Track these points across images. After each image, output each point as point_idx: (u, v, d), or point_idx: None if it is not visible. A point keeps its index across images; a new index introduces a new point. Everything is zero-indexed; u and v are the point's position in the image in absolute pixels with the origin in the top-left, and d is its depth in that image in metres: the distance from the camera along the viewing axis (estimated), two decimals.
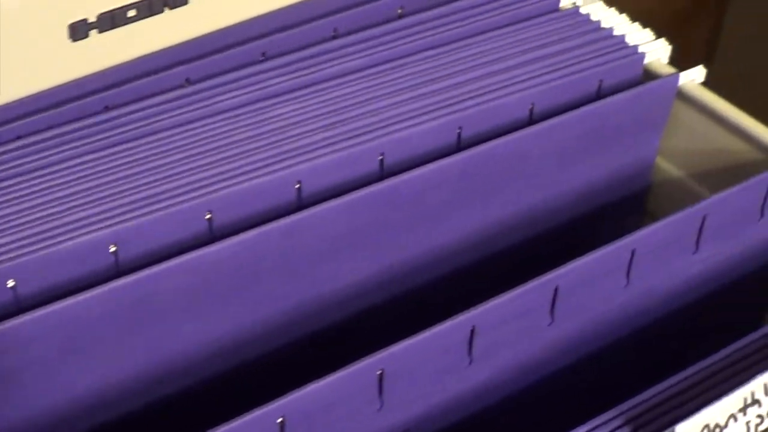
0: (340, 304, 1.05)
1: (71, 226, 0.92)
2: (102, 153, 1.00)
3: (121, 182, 0.98)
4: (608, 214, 1.22)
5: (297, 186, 0.99)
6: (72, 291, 0.88)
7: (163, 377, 0.96)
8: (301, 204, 1.00)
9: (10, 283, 0.88)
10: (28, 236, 0.91)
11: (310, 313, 1.04)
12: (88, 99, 1.06)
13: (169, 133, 1.03)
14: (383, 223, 1.03)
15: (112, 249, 0.92)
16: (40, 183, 0.96)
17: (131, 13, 1.06)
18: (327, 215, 0.99)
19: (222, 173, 0.98)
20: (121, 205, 0.94)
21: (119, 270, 0.92)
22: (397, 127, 1.05)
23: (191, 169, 0.99)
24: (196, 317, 0.95)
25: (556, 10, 1.22)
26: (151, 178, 0.98)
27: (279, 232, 0.96)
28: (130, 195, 0.96)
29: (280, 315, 1.01)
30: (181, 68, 1.10)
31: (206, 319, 0.96)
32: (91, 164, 0.99)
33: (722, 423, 0.90)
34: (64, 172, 0.97)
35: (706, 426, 0.89)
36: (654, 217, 1.12)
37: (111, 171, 0.99)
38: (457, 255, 1.12)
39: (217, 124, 1.04)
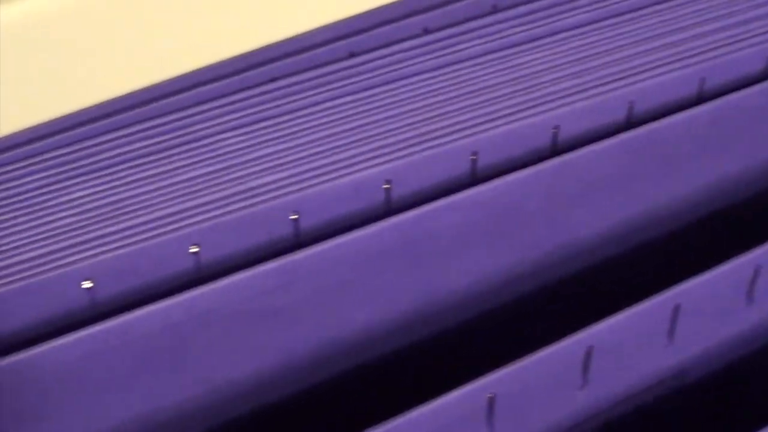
0: None
1: (347, 162, 0.92)
2: (361, 95, 1.00)
3: (379, 124, 0.98)
4: None
5: (554, 131, 0.99)
6: (357, 223, 0.89)
7: (430, 317, 0.96)
8: (556, 149, 1.00)
9: (293, 216, 0.88)
10: (311, 169, 0.91)
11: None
12: (334, 45, 1.06)
13: (416, 78, 1.03)
14: (630, 171, 1.03)
15: (386, 186, 0.92)
16: (292, 126, 0.97)
17: None
18: (581, 161, 0.99)
19: (482, 116, 0.98)
20: (387, 144, 0.94)
21: (390, 206, 0.92)
22: (644, 76, 1.04)
23: (450, 112, 0.99)
24: (461, 256, 0.96)
25: None
26: (410, 120, 0.98)
27: (541, 176, 0.96)
28: (396, 135, 0.96)
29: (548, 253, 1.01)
30: (418, 17, 1.10)
31: (471, 258, 0.96)
32: (350, 105, 0.99)
33: None
34: (321, 114, 0.98)
35: None
36: None
37: (367, 113, 0.99)
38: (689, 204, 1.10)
39: (465, 71, 1.04)
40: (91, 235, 0.87)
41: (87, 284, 0.85)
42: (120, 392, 0.85)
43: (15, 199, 0.89)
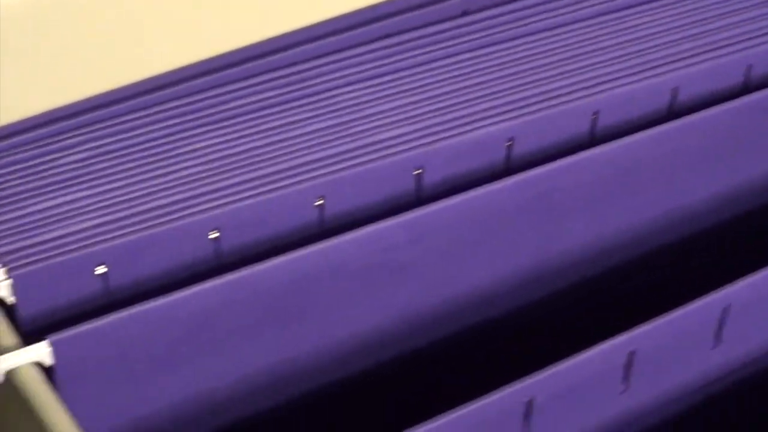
0: None
1: (469, 118, 0.92)
2: (478, 52, 1.00)
3: (499, 81, 0.97)
4: None
5: (672, 93, 0.97)
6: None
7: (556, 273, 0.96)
8: (672, 111, 0.98)
9: (417, 171, 0.87)
10: (433, 125, 0.91)
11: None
12: (448, 2, 1.05)
13: (534, 37, 1.02)
14: (748, 136, 1.02)
15: (508, 143, 0.91)
16: (412, 82, 0.96)
17: None
18: (699, 124, 0.98)
19: (602, 76, 0.97)
20: (508, 102, 0.94)
21: (510, 164, 0.93)
22: (760, 40, 1.03)
23: (570, 71, 0.98)
24: (580, 216, 0.95)
25: None
26: (530, 78, 0.97)
27: (653, 139, 0.95)
28: (516, 93, 0.95)
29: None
30: None
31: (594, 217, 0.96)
32: (468, 63, 0.98)
33: None
34: (438, 71, 0.97)
35: None
36: None
37: (486, 71, 0.98)
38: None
39: (581, 31, 1.03)
40: (216, 185, 0.86)
41: (213, 234, 0.84)
42: (244, 344, 0.85)
43: (138, 148, 0.89)
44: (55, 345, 0.77)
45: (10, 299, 0.80)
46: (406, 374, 0.94)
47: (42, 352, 0.77)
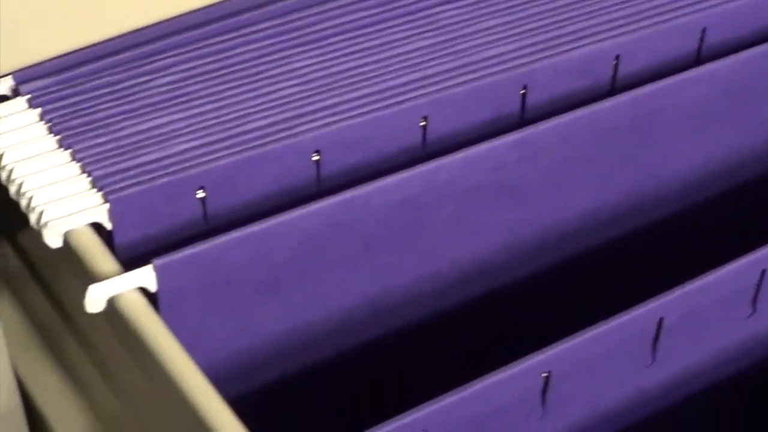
0: None
1: (573, 36, 0.88)
2: None
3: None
4: None
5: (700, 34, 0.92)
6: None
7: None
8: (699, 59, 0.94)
9: (522, 91, 0.83)
10: (537, 42, 0.87)
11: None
12: None
13: None
14: None
15: (614, 62, 0.87)
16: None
17: None
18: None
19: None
20: (613, 19, 0.90)
21: (616, 83, 0.90)
22: None
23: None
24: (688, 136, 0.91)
25: None
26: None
27: (681, 82, 0.90)
28: (622, 9, 0.91)
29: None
30: None
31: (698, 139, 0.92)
32: None
33: None
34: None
35: None
36: None
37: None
38: None
39: None
40: (315, 106, 0.83)
41: (314, 157, 0.81)
42: (345, 272, 0.82)
43: (231, 69, 0.85)
44: (159, 269, 0.74)
45: (107, 225, 0.77)
46: (501, 309, 0.91)
47: (147, 276, 0.74)
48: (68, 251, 0.77)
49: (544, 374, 0.72)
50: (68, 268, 0.80)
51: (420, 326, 0.88)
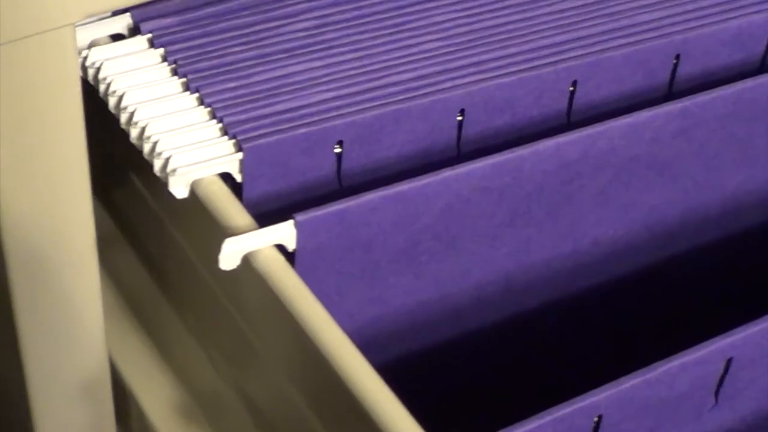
0: None
1: (730, 5, 0.82)
2: None
3: None
4: None
5: None
6: None
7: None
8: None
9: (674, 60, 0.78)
10: (692, 10, 0.81)
11: None
12: None
13: None
14: None
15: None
16: None
17: None
18: None
19: None
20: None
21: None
22: None
23: None
24: None
25: None
26: None
27: None
28: None
29: None
30: None
31: None
32: None
33: None
34: None
35: None
36: None
37: None
38: None
39: None
40: (460, 62, 0.76)
41: (458, 117, 0.75)
42: (485, 244, 0.76)
43: (368, 19, 0.79)
44: (300, 226, 0.67)
45: (237, 176, 0.71)
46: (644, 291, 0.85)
47: (286, 233, 0.68)
48: (194, 203, 0.70)
49: (726, 359, 0.66)
50: (188, 223, 0.73)
51: (554, 308, 0.82)
